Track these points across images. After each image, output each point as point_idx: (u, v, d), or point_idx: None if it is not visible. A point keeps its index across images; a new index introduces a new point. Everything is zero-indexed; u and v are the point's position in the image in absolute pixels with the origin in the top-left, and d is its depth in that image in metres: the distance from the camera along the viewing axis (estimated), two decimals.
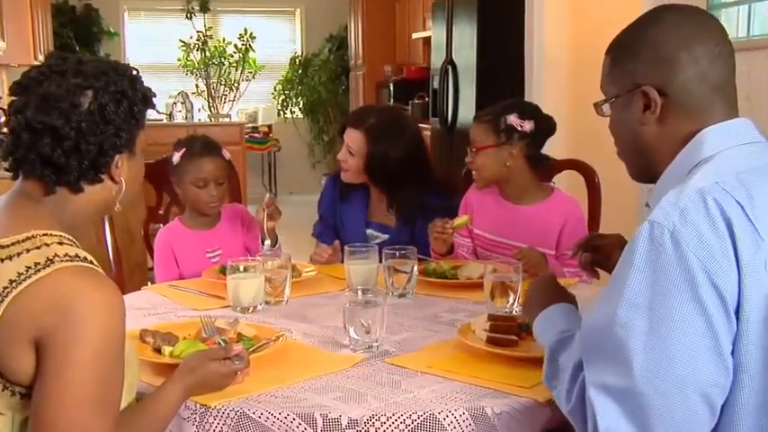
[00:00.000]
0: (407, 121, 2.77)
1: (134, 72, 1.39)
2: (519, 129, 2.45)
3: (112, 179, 1.36)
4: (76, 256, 1.24)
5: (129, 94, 1.35)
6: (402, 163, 2.62)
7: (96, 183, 1.35)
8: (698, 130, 1.30)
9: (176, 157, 2.51)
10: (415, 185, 2.65)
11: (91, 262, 1.25)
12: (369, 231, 2.73)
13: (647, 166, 1.37)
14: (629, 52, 1.36)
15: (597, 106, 1.42)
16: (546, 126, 2.50)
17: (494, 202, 2.57)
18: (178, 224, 2.60)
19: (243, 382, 1.49)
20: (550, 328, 1.45)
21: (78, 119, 1.29)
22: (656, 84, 1.32)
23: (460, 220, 2.46)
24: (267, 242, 2.50)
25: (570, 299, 1.55)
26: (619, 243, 1.82)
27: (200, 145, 2.54)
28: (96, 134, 1.31)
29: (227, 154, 2.59)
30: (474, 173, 2.53)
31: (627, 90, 1.35)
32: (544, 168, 2.58)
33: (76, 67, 1.32)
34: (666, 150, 1.33)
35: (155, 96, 1.42)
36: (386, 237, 2.71)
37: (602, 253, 1.86)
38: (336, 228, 2.78)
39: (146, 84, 1.41)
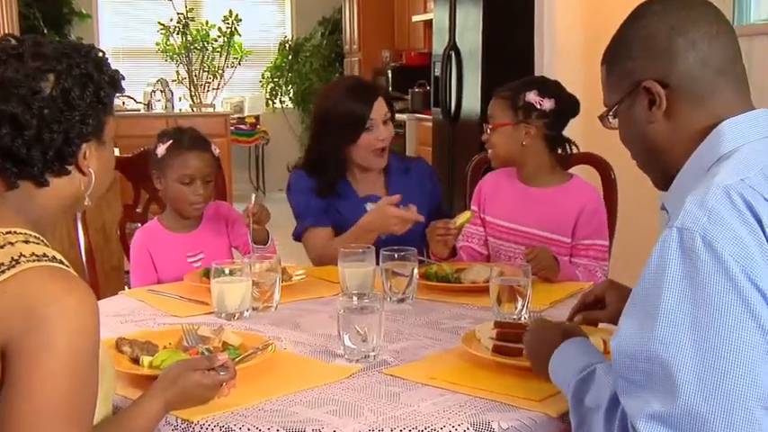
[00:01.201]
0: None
1: (99, 53, 1.38)
2: (538, 107, 2.48)
3: (81, 171, 1.35)
4: (44, 255, 1.23)
5: (94, 76, 1.34)
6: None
7: (63, 175, 1.34)
8: (712, 120, 1.31)
9: (161, 149, 2.50)
10: None
11: (61, 261, 1.25)
12: (368, 207, 2.68)
13: (666, 170, 1.38)
14: (621, 53, 1.39)
15: (602, 119, 1.43)
16: (568, 106, 2.53)
17: (508, 184, 2.62)
18: (156, 225, 2.60)
19: (228, 395, 1.49)
20: (568, 369, 1.41)
21: (40, 105, 1.28)
22: (657, 77, 1.33)
23: (463, 217, 2.46)
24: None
25: (576, 330, 1.54)
26: (605, 288, 1.81)
27: (189, 138, 2.53)
28: (60, 122, 1.30)
29: (216, 150, 2.58)
30: (489, 151, 2.58)
31: (628, 92, 1.37)
32: (562, 156, 2.59)
33: (34, 49, 1.31)
34: (681, 147, 1.33)
35: (123, 79, 1.41)
36: None
37: (597, 307, 1.84)
38: (328, 213, 2.71)
39: (117, 68, 1.40)
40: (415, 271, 2.22)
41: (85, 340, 1.20)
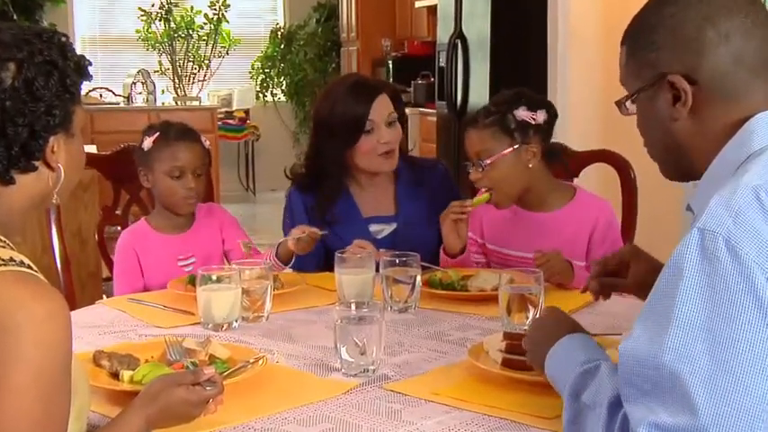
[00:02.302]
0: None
1: (62, 37, 1.38)
2: (533, 122, 2.42)
3: (49, 166, 1.35)
4: (11, 259, 1.23)
5: (59, 63, 1.33)
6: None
7: (30, 171, 1.33)
8: (742, 118, 1.30)
9: (147, 143, 2.51)
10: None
11: (29, 267, 1.24)
12: (372, 228, 2.70)
13: (684, 166, 1.38)
14: (645, 40, 1.37)
15: (620, 104, 1.43)
16: (554, 112, 2.51)
17: (508, 213, 2.56)
18: (144, 226, 2.61)
19: (216, 412, 1.50)
20: (566, 362, 1.42)
21: (1, 97, 1.28)
22: (683, 71, 1.32)
23: (481, 197, 2.45)
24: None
25: (586, 331, 1.54)
26: (630, 253, 1.82)
27: (177, 130, 2.55)
28: (25, 114, 1.29)
29: (207, 142, 2.60)
30: (485, 193, 2.46)
31: (650, 83, 1.36)
32: (563, 165, 2.57)
33: None
34: (706, 146, 1.33)
35: (90, 65, 1.40)
36: (393, 226, 2.71)
37: (620, 273, 1.84)
38: (326, 245, 2.63)
39: (102, 64, 1.40)
40: (418, 278, 2.22)
41: (56, 353, 1.19)
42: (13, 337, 1.16)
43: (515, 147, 2.43)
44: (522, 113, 2.43)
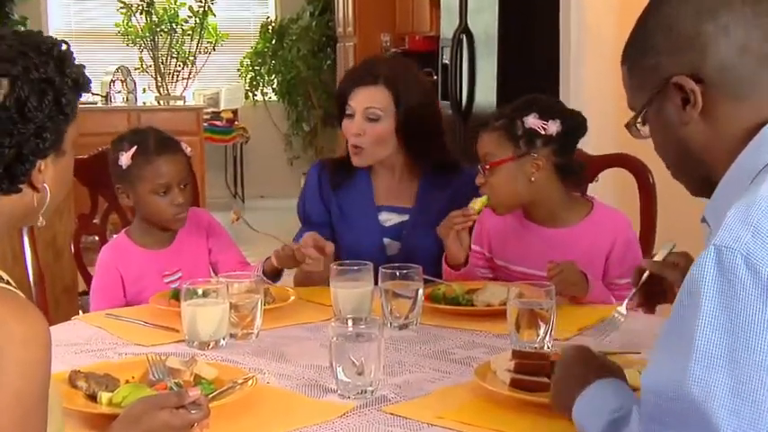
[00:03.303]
0: (414, 64, 2.86)
1: (62, 47, 1.37)
2: (542, 132, 2.42)
3: (33, 187, 1.35)
4: None
5: (55, 82, 1.33)
6: (432, 112, 2.75)
7: (12, 193, 1.33)
8: (758, 117, 1.31)
9: (125, 159, 2.49)
10: (441, 139, 2.77)
11: (8, 283, 1.25)
12: (382, 216, 2.74)
13: (705, 177, 1.38)
14: (643, 47, 1.39)
15: (630, 127, 1.44)
16: (575, 124, 2.48)
17: (517, 226, 2.56)
18: (125, 240, 2.61)
19: None
20: (596, 409, 1.41)
21: None
22: (687, 71, 1.33)
23: (480, 202, 2.45)
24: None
25: (615, 370, 1.54)
26: (687, 256, 1.84)
27: (155, 141, 2.54)
28: (12, 135, 1.29)
29: (188, 149, 2.60)
30: (484, 198, 2.48)
31: (655, 91, 1.37)
32: (577, 176, 2.55)
33: None
34: (723, 150, 1.33)
35: (90, 82, 1.41)
36: (405, 217, 2.74)
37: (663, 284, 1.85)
38: (332, 227, 2.76)
39: (77, 61, 1.40)
40: (420, 292, 2.22)
41: (35, 375, 1.20)
42: None
43: (518, 156, 2.43)
44: (532, 121, 2.42)
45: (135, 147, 2.50)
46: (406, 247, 2.68)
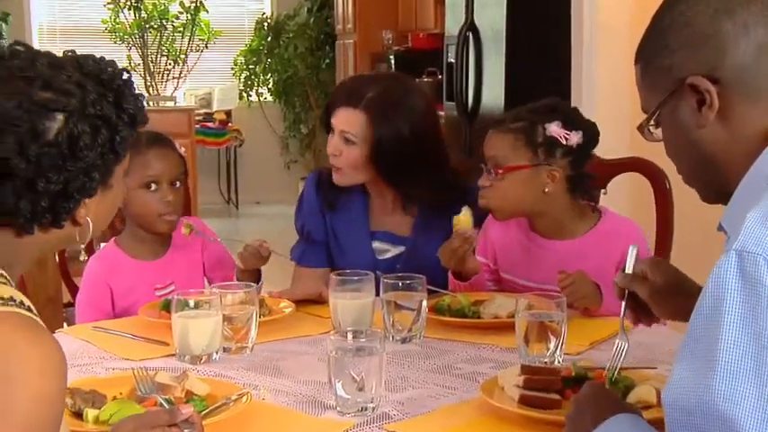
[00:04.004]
0: (415, 89, 2.79)
1: (123, 77, 1.37)
2: (564, 142, 2.41)
3: (75, 222, 1.35)
4: (11, 299, 1.24)
5: (112, 118, 1.33)
6: (419, 146, 2.63)
7: (54, 228, 1.34)
8: None
9: None
10: (431, 174, 2.66)
11: (29, 309, 1.25)
12: (375, 245, 2.75)
13: (719, 182, 1.38)
14: (657, 46, 1.40)
15: (642, 129, 1.45)
16: (593, 136, 2.48)
17: (522, 238, 2.56)
18: (115, 250, 2.61)
19: None
20: None
21: (38, 151, 1.26)
22: (703, 71, 1.34)
23: (465, 217, 2.42)
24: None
25: (633, 410, 1.54)
26: (653, 264, 1.83)
27: (146, 136, 2.55)
28: (61, 172, 1.29)
29: (182, 149, 2.61)
30: (484, 202, 2.46)
31: (669, 92, 1.38)
32: (586, 190, 2.55)
33: (48, 72, 1.29)
34: (739, 153, 1.34)
35: (146, 116, 1.40)
36: (400, 249, 2.73)
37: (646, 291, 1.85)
38: (329, 246, 2.78)
39: (140, 93, 1.39)
40: (424, 303, 2.23)
41: (49, 407, 1.20)
42: (5, 384, 1.16)
43: (535, 164, 2.42)
44: (555, 129, 2.41)
45: None
46: None
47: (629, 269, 1.87)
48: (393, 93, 2.66)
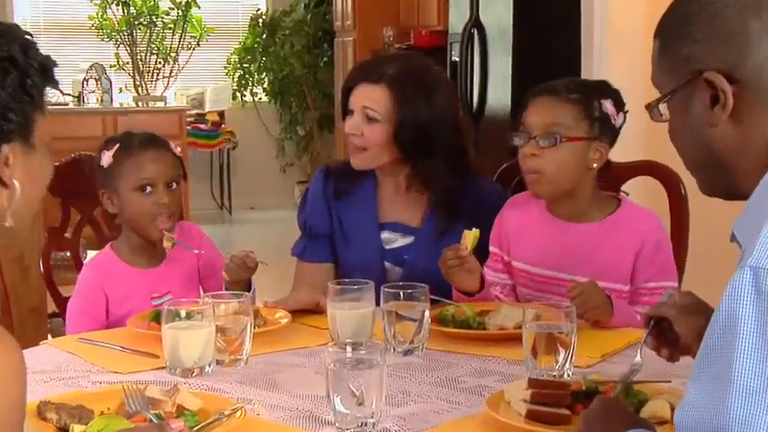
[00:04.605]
0: (433, 65, 2.82)
1: (26, 35, 1.39)
2: (613, 122, 2.48)
3: (1, 182, 1.36)
4: None
5: (19, 61, 1.35)
6: (440, 124, 2.66)
7: None
8: None
9: (106, 157, 2.52)
10: (451, 156, 2.71)
11: None
12: (384, 236, 2.77)
13: (725, 183, 1.39)
14: (680, 31, 1.40)
15: (650, 108, 1.46)
16: (624, 119, 2.55)
17: (538, 220, 2.59)
18: (111, 256, 2.61)
19: None
20: None
21: None
22: (723, 68, 1.34)
23: (471, 236, 2.42)
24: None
25: (646, 424, 1.54)
26: (692, 307, 1.82)
27: (140, 138, 2.57)
28: None
29: (177, 149, 2.61)
30: (533, 175, 2.49)
31: (685, 81, 1.38)
32: (606, 176, 2.59)
33: None
34: (750, 159, 1.34)
35: (55, 66, 1.42)
36: (409, 240, 2.76)
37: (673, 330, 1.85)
38: (333, 239, 2.80)
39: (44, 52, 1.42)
40: (427, 313, 2.23)
41: (9, 409, 1.20)
42: None
43: (591, 138, 2.47)
44: (610, 107, 2.48)
45: (118, 144, 2.52)
46: (409, 274, 2.65)
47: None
48: (414, 68, 2.72)
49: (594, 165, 2.48)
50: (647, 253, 2.49)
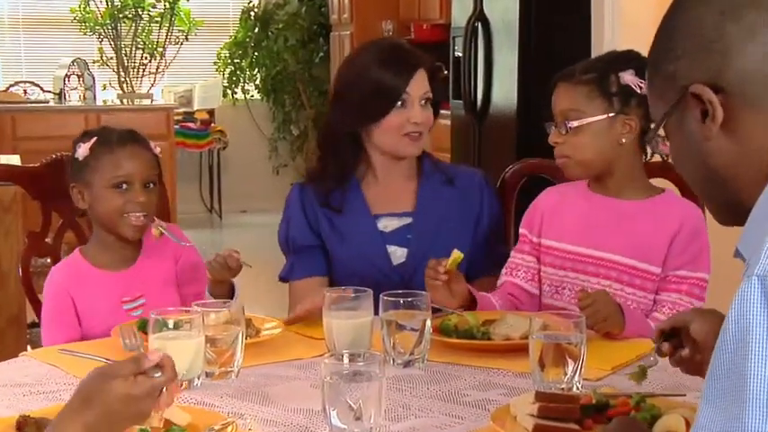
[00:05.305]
0: None
1: None
2: (638, 91, 2.49)
3: None
4: None
5: None
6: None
7: None
8: None
9: (83, 150, 2.52)
10: None
11: None
12: (381, 223, 2.83)
13: (734, 201, 1.39)
14: (663, 52, 1.42)
15: (649, 140, 1.49)
16: None
17: (578, 197, 2.65)
18: (79, 260, 2.61)
19: (171, 405, 1.51)
20: None
21: None
22: (706, 78, 1.36)
23: (452, 256, 2.46)
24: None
25: None
26: (694, 318, 1.83)
27: (119, 134, 2.58)
28: None
29: (157, 149, 2.62)
30: (562, 160, 2.56)
31: (674, 101, 1.40)
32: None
33: None
34: (751, 168, 1.35)
35: None
36: (408, 220, 2.84)
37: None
38: (325, 249, 2.83)
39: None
40: (428, 323, 2.23)
41: None
42: None
43: (611, 115, 2.50)
44: (629, 78, 2.50)
45: (95, 138, 2.53)
46: (415, 253, 2.75)
47: None
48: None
49: (624, 140, 2.51)
50: (683, 239, 2.52)
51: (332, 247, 2.81)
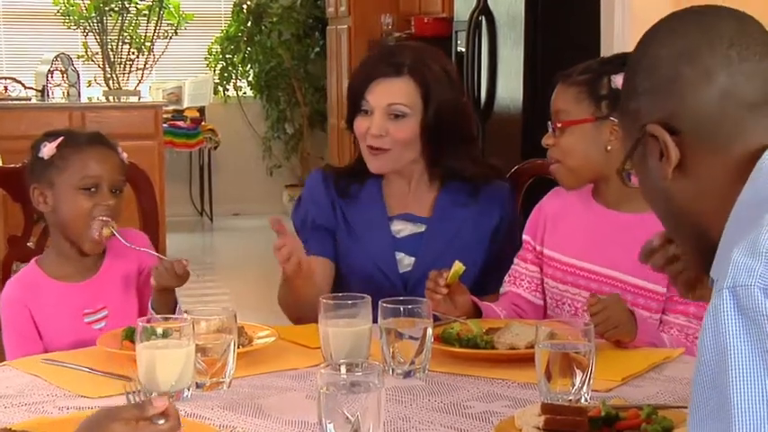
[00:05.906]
0: (440, 50, 2.95)
1: None
2: None
3: None
4: None
5: None
6: (462, 113, 2.83)
7: None
8: (742, 174, 1.35)
9: (48, 149, 2.51)
10: (471, 145, 2.89)
11: None
12: (394, 226, 2.84)
13: (704, 241, 1.42)
14: (627, 89, 1.47)
15: (619, 174, 1.54)
16: None
17: (581, 206, 2.65)
18: (34, 271, 2.60)
19: None
20: None
21: None
22: (663, 119, 1.40)
23: (456, 268, 2.47)
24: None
25: None
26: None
27: (87, 135, 2.59)
28: None
29: (124, 155, 2.61)
30: (553, 165, 2.58)
31: (635, 140, 1.45)
32: None
33: None
34: (712, 211, 1.39)
35: None
36: (421, 228, 2.84)
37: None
38: (336, 236, 2.85)
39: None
40: (430, 331, 2.24)
41: None
42: None
43: (597, 117, 2.51)
44: (620, 81, 2.47)
45: (62, 137, 2.53)
46: (422, 263, 2.76)
47: None
48: (430, 55, 2.81)
49: (610, 147, 2.51)
50: None
51: (343, 243, 2.84)
